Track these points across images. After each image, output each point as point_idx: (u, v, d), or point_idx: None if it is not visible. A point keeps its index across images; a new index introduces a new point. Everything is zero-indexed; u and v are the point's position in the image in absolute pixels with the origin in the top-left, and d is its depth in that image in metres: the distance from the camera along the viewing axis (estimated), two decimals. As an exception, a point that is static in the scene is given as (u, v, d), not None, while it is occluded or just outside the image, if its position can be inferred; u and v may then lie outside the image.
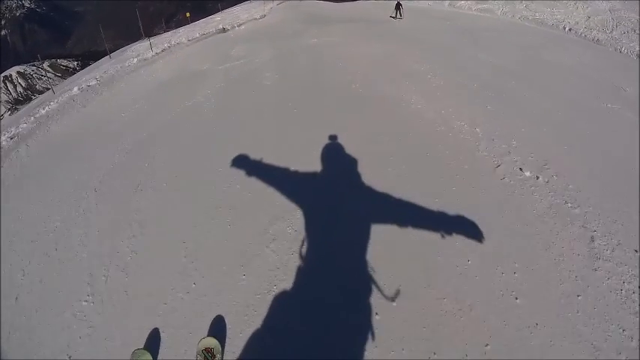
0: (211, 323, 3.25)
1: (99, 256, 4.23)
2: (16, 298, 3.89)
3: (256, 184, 4.95)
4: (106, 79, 10.69)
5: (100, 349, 3.23)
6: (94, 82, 10.29)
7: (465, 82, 8.11)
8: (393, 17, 17.45)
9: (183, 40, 14.87)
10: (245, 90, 8.61)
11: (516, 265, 3.55)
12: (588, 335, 2.96)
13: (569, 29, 13.52)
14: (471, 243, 3.73)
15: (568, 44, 11.47)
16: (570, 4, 16.21)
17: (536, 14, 16.02)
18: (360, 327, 3.04)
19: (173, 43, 14.48)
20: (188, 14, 24.43)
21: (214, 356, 2.85)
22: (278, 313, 3.27)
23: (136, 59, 12.30)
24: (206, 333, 3.15)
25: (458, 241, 3.78)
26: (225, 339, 3.08)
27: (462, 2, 19.91)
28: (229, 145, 5.98)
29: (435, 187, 4.60)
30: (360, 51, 11.21)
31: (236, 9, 24.64)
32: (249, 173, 5.17)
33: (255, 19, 19.15)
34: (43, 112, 9.43)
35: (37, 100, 16.65)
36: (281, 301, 3.36)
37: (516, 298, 3.25)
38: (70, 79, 21.24)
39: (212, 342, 2.91)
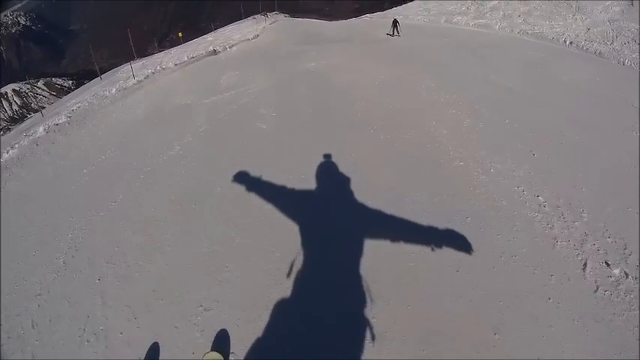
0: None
1: None
2: None
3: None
4: (77, 114, 9.07)
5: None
6: (63, 120, 8.66)
7: (493, 118, 6.84)
8: (391, 35, 16.34)
9: (169, 65, 13.30)
10: (234, 136, 6.90)
11: None
12: None
13: (570, 42, 12.83)
14: None
15: (573, 59, 10.78)
16: (569, 17, 15.73)
17: (535, 28, 15.31)
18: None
19: (158, 68, 12.90)
20: (180, 34, 23.36)
21: None
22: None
23: (114, 89, 10.69)
24: (209, 348, 2.98)
25: None
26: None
27: (459, 18, 18.86)
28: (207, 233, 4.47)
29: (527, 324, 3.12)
30: (366, 77, 9.85)
31: (228, 29, 23.19)
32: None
33: (248, 39, 17.70)
34: (6, 155, 7.80)
35: (28, 122, 15.23)
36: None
37: None
38: (58, 102, 19.93)
39: (216, 356, 2.79)
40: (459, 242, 3.75)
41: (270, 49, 15.30)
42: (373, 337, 2.87)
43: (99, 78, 15.50)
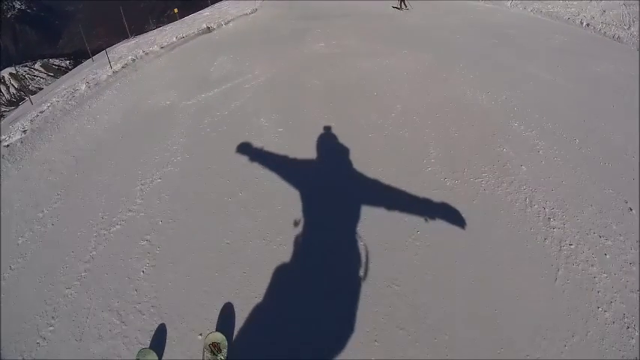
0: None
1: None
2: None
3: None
4: (37, 124, 6.89)
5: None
6: (16, 137, 6.45)
7: (562, 135, 5.01)
8: (398, 8, 14.05)
9: (154, 49, 10.89)
10: (222, 179, 4.47)
11: None
12: None
13: (587, 24, 11.43)
14: None
15: (598, 46, 9.19)
16: (583, -4, 13.87)
17: (549, 6, 13.40)
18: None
19: (141, 53, 10.50)
20: (176, 10, 20.99)
21: (220, 351, 2.55)
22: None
23: (84, 85, 8.43)
24: (214, 328, 2.79)
25: None
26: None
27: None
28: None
29: None
30: (389, 65, 7.67)
31: (226, 3, 20.32)
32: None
33: (246, 14, 15.08)
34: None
35: (18, 110, 13.45)
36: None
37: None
38: (50, 85, 18.09)
39: (218, 337, 2.62)
40: None
41: (270, 25, 12.75)
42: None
43: (91, 59, 14.27)
